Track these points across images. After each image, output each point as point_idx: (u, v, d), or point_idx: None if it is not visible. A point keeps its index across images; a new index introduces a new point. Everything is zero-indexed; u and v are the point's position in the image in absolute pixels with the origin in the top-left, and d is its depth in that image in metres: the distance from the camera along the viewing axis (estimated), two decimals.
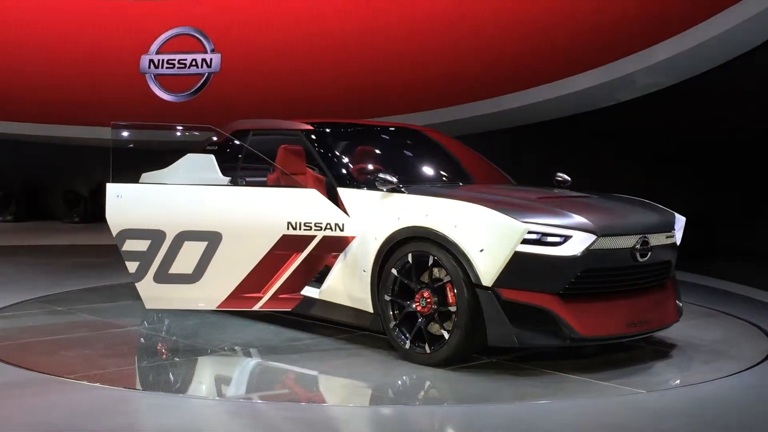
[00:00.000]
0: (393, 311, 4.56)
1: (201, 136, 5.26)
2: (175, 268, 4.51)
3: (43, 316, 5.76)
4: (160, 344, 5.03)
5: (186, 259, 4.51)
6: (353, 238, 4.73)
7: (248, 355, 4.80)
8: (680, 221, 5.01)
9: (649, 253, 4.50)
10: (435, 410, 3.90)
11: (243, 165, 5.68)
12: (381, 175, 4.81)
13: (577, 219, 4.38)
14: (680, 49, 8.33)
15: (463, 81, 11.66)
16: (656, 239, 4.60)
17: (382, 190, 4.81)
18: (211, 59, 12.86)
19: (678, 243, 4.92)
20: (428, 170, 5.83)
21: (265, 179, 5.69)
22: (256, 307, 4.72)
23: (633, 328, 4.50)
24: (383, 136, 6.19)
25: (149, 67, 13.01)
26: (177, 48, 12.66)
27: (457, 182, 5.64)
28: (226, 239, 4.52)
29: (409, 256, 4.49)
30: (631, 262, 4.47)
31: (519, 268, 4.22)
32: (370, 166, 5.43)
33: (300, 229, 4.60)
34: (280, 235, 4.58)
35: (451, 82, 11.79)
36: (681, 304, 5.00)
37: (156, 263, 4.50)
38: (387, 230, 4.58)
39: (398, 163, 5.81)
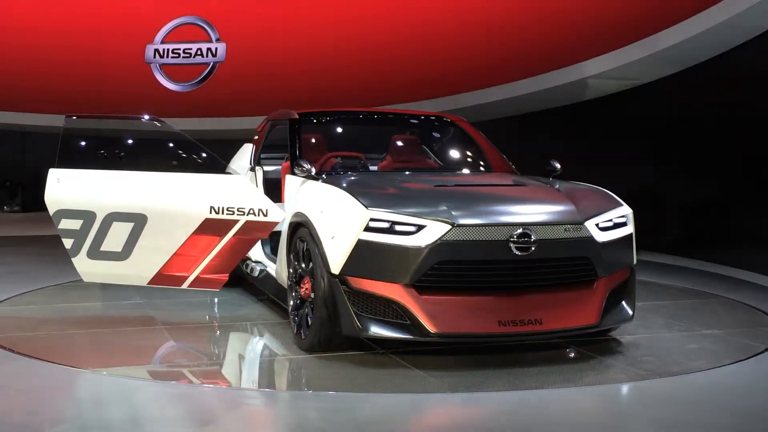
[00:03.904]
0: (292, 295, 5.04)
1: (142, 124, 5.97)
2: (106, 246, 5.27)
3: (45, 306, 6.40)
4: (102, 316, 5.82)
5: (115, 238, 5.25)
6: (277, 223, 5.31)
7: (170, 331, 5.51)
8: (614, 213, 4.77)
9: (533, 248, 4.35)
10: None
11: (261, 154, 6.41)
12: (299, 163, 5.36)
13: (435, 208, 4.35)
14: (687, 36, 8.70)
15: (472, 68, 12.12)
16: (547, 232, 4.43)
17: (306, 178, 5.34)
18: (216, 48, 13.40)
19: (613, 238, 4.67)
20: (392, 156, 6.17)
21: (280, 166, 6.30)
22: (184, 286, 5.42)
23: (510, 327, 4.32)
24: (366, 124, 6.61)
25: (154, 57, 13.61)
26: (182, 37, 13.15)
27: (417, 169, 5.98)
28: (150, 221, 5.22)
29: (297, 242, 4.94)
30: (508, 255, 4.34)
31: (365, 256, 4.29)
32: (304, 155, 5.75)
33: (222, 213, 5.22)
34: (203, 219, 5.22)
35: (460, 70, 12.20)
36: (629, 309, 4.79)
37: (88, 241, 5.26)
38: (290, 216, 5.13)
39: (366, 151, 6.28)
